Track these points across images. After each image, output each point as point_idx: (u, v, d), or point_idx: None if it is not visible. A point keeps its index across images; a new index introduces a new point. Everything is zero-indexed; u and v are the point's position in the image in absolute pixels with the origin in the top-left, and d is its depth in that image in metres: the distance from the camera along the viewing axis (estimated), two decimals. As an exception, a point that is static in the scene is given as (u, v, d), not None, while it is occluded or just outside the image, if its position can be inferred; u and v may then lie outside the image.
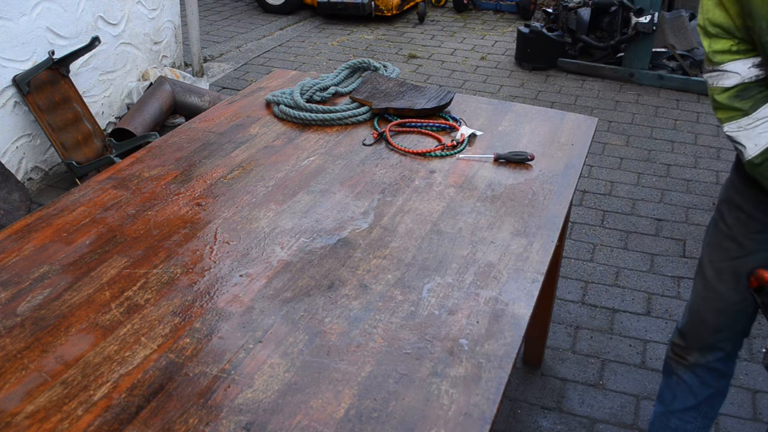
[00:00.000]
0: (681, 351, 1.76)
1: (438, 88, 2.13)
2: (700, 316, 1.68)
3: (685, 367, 1.75)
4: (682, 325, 1.75)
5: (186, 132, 1.94)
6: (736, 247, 1.56)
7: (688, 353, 1.74)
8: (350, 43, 5.92)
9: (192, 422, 1.02)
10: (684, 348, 1.75)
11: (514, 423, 2.23)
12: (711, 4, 1.36)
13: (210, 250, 1.43)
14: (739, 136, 1.39)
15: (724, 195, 1.60)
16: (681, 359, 1.76)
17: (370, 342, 1.19)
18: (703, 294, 1.67)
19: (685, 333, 1.74)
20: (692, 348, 1.72)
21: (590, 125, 2.03)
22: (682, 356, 1.75)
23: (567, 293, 2.84)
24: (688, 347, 1.73)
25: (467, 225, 1.53)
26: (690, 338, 1.73)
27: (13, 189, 3.20)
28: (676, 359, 1.77)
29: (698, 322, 1.69)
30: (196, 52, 4.88)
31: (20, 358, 1.14)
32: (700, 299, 1.68)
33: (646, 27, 4.75)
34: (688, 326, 1.73)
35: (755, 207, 1.51)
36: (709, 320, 1.66)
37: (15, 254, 1.40)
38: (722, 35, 1.35)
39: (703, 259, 1.67)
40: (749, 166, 1.41)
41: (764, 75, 1.34)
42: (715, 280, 1.62)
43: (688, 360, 1.74)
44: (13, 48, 3.29)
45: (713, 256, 1.62)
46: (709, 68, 1.41)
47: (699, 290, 1.68)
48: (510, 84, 5.06)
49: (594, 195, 3.60)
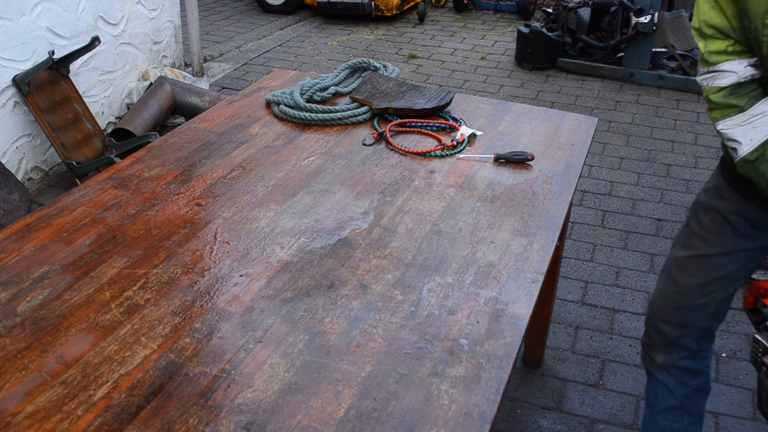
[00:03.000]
0: (648, 349, 1.80)
1: (438, 88, 2.13)
2: (659, 311, 1.73)
3: (657, 367, 1.78)
4: (645, 320, 1.80)
5: (186, 132, 1.94)
6: (705, 247, 1.60)
7: (654, 352, 1.77)
8: (350, 43, 5.92)
9: (192, 422, 1.02)
10: (649, 345, 1.79)
11: (514, 423, 2.23)
12: (707, 6, 1.37)
13: (210, 250, 1.43)
14: (735, 133, 1.40)
15: (702, 197, 1.63)
16: (650, 359, 1.80)
17: (370, 342, 1.19)
18: (664, 288, 1.71)
19: (647, 328, 1.79)
20: (656, 346, 1.76)
21: (590, 125, 2.03)
22: (650, 356, 1.79)
23: (567, 293, 2.84)
24: (652, 344, 1.77)
25: (467, 225, 1.53)
26: (652, 334, 1.77)
27: (13, 189, 3.20)
28: (647, 359, 1.81)
29: (658, 317, 1.73)
30: (196, 52, 4.88)
31: (20, 358, 1.14)
32: (660, 294, 1.73)
33: (646, 27, 4.75)
34: (648, 321, 1.78)
35: (734, 213, 1.55)
36: (668, 315, 1.70)
37: (15, 254, 1.40)
38: (718, 36, 1.37)
39: (669, 258, 1.72)
40: (742, 165, 1.41)
41: (759, 74, 1.36)
42: (678, 276, 1.66)
43: (656, 360, 1.77)
44: (13, 48, 3.29)
45: (680, 253, 1.67)
46: (704, 69, 1.42)
47: (661, 285, 1.73)
48: (510, 84, 5.06)
49: (594, 195, 3.60)
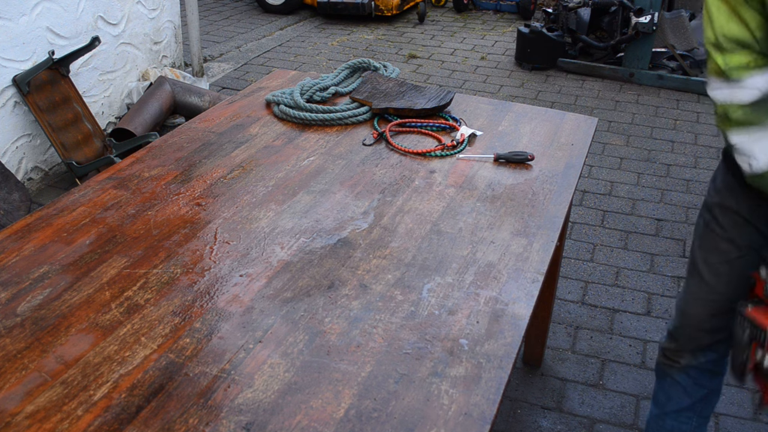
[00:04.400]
0: (673, 354, 1.74)
1: (438, 88, 2.13)
2: (694, 319, 1.67)
3: (678, 369, 1.74)
4: (674, 327, 1.74)
5: (186, 132, 1.94)
6: (735, 249, 1.56)
7: (680, 356, 1.73)
8: (350, 43, 5.92)
9: (192, 422, 1.02)
10: (675, 351, 1.73)
11: (514, 423, 2.23)
12: (723, 19, 1.31)
13: (210, 250, 1.43)
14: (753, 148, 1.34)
15: (716, 198, 1.58)
16: (673, 362, 1.75)
17: (370, 342, 1.19)
18: (698, 295, 1.65)
19: (677, 336, 1.73)
20: (684, 350, 1.71)
21: (590, 125, 2.03)
22: (674, 359, 1.74)
23: (567, 293, 2.84)
24: (680, 350, 1.72)
25: (467, 225, 1.53)
26: (682, 341, 1.71)
27: (13, 189, 3.20)
28: (668, 363, 1.76)
29: (693, 324, 1.68)
30: (196, 52, 4.88)
31: (20, 358, 1.14)
32: (694, 300, 1.66)
33: (646, 27, 4.75)
34: (681, 329, 1.71)
35: (751, 211, 1.51)
36: (704, 322, 1.65)
37: (15, 254, 1.40)
38: (738, 49, 1.31)
39: (697, 261, 1.64)
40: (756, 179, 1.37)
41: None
42: (713, 282, 1.61)
43: (681, 363, 1.73)
44: (13, 48, 3.29)
45: (711, 259, 1.60)
46: (720, 83, 1.35)
47: (694, 291, 1.66)
48: (510, 84, 5.06)
49: (594, 195, 3.60)
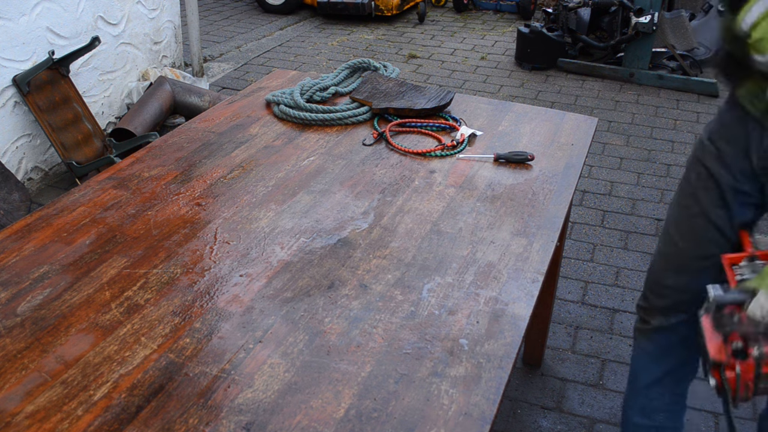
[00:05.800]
0: (644, 313, 1.76)
1: (438, 88, 2.13)
2: (661, 274, 1.70)
3: (648, 334, 1.75)
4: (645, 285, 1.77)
5: (186, 132, 1.94)
6: (694, 204, 1.58)
7: (651, 315, 1.74)
8: (350, 43, 5.92)
9: (192, 422, 1.02)
10: (647, 309, 1.76)
11: (514, 423, 2.23)
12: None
13: (210, 250, 1.43)
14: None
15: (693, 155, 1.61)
16: (644, 323, 1.77)
17: (370, 342, 1.19)
18: (664, 251, 1.69)
19: (647, 293, 1.76)
20: (654, 309, 1.73)
21: (590, 125, 2.03)
22: (646, 319, 1.76)
23: (567, 293, 2.84)
24: (651, 308, 1.74)
25: (467, 225, 1.53)
26: (651, 298, 1.74)
27: (13, 189, 3.20)
28: (642, 326, 1.78)
29: (659, 280, 1.71)
30: (196, 52, 4.88)
31: (20, 358, 1.14)
32: (661, 257, 1.70)
33: (646, 27, 4.75)
34: (650, 285, 1.74)
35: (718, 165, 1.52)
36: (670, 278, 1.67)
37: (15, 254, 1.40)
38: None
39: (668, 219, 1.69)
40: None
41: None
42: (677, 237, 1.64)
43: (651, 323, 1.74)
44: (13, 48, 3.29)
45: (676, 215, 1.65)
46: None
47: (660, 248, 1.70)
48: (510, 84, 5.06)
49: (594, 195, 3.60)
